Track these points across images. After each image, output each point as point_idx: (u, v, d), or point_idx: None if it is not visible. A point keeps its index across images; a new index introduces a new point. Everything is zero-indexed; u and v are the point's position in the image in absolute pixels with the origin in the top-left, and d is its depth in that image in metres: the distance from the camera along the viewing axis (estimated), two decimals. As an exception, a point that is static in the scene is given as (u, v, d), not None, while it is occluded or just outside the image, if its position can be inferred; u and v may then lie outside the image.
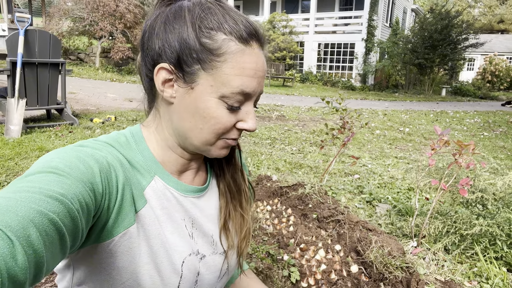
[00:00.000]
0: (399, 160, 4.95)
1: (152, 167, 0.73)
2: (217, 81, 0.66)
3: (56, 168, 0.53)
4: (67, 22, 13.25)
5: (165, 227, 0.72)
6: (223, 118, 0.68)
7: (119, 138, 0.72)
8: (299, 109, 9.76)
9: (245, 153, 4.62)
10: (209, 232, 0.82)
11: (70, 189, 0.50)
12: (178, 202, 0.76)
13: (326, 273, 2.07)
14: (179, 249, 0.73)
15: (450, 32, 16.99)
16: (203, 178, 0.85)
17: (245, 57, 0.66)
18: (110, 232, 0.62)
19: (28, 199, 0.44)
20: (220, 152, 0.74)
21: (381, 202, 3.17)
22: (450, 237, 2.29)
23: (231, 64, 0.65)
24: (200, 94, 0.67)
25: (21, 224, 0.40)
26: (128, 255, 0.66)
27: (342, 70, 18.73)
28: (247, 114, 0.71)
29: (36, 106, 5.22)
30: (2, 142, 4.13)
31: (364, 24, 17.60)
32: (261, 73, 0.69)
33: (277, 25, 18.50)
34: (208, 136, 0.70)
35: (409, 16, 24.71)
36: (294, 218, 2.69)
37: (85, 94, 8.76)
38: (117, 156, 0.67)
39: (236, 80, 0.66)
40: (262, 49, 0.70)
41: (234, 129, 0.71)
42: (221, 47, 0.65)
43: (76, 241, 0.51)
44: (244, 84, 0.66)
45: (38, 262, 0.41)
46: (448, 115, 10.73)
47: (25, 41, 4.77)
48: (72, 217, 0.48)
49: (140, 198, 0.68)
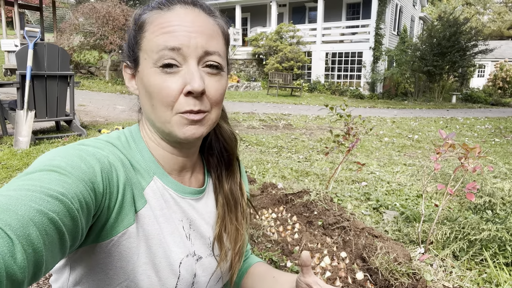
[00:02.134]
0: (408, 167, 4.88)
1: (151, 167, 0.73)
2: (146, 50, 0.67)
3: (57, 167, 0.53)
4: (78, 37, 13.52)
5: (164, 228, 0.72)
6: (163, 83, 0.65)
7: (119, 137, 0.73)
8: (306, 118, 9.73)
9: (251, 161, 4.61)
10: (206, 234, 0.82)
11: (71, 188, 0.50)
12: (176, 203, 0.76)
13: (331, 280, 2.03)
14: (176, 250, 0.73)
15: (459, 39, 16.87)
16: (200, 179, 0.85)
17: (163, 18, 0.67)
18: (109, 231, 0.62)
19: (28, 198, 0.44)
20: (184, 131, 0.68)
21: (389, 209, 3.11)
22: (458, 243, 2.23)
23: (151, 29, 0.67)
24: (142, 71, 0.69)
25: (21, 223, 0.40)
26: (126, 255, 0.66)
27: (350, 79, 18.68)
28: (189, 73, 0.65)
29: (45, 118, 5.30)
30: (10, 153, 4.19)
31: (371, 33, 17.58)
32: (188, 28, 0.65)
33: (284, 35, 18.59)
34: (160, 111, 0.67)
35: (417, 24, 24.65)
36: (299, 226, 2.66)
37: (95, 106, 8.88)
38: (118, 156, 0.67)
39: (158, 39, 0.65)
40: (196, 9, 0.69)
41: (182, 96, 0.66)
42: (143, 20, 0.69)
43: (75, 240, 0.51)
44: (167, 40, 0.65)
45: (37, 261, 0.41)
46: (458, 122, 10.59)
47: (34, 54, 4.87)
48: (72, 216, 0.48)
49: (140, 198, 0.68)
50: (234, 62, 18.95)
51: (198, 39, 0.66)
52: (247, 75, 19.59)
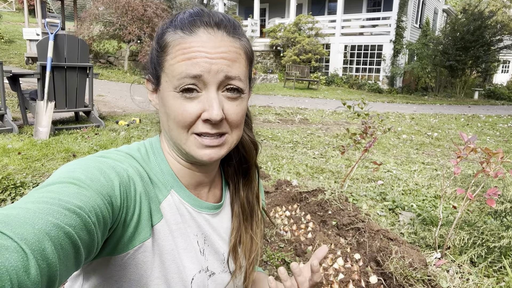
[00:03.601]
0: (426, 166, 4.78)
1: (169, 181, 0.73)
2: (169, 75, 0.66)
3: (77, 179, 0.54)
4: (98, 27, 13.66)
5: (178, 243, 0.72)
6: (181, 108, 0.65)
7: (140, 149, 0.74)
8: (323, 113, 9.64)
9: (266, 157, 4.59)
10: (220, 250, 0.82)
11: (89, 202, 0.51)
12: (192, 217, 0.76)
13: (343, 283, 2.01)
14: (189, 266, 0.73)
15: (484, 33, 16.37)
16: (217, 194, 0.85)
17: (186, 44, 0.65)
18: (126, 245, 0.63)
19: (46, 211, 0.44)
20: (202, 154, 0.68)
21: (405, 210, 3.06)
22: (476, 249, 2.17)
23: (173, 53, 0.66)
24: (163, 93, 0.69)
25: (37, 237, 0.41)
26: (141, 268, 0.66)
27: (369, 73, 18.37)
28: (208, 100, 0.65)
29: (64, 109, 5.39)
30: (31, 143, 4.28)
31: (392, 26, 17.19)
32: (210, 55, 0.64)
33: (302, 27, 18.36)
34: (176, 132, 0.68)
35: (440, 16, 23.98)
36: (313, 225, 2.64)
37: (113, 97, 8.98)
38: (137, 169, 0.67)
39: (179, 67, 0.65)
40: (220, 32, 0.67)
41: (200, 121, 0.66)
42: (165, 41, 0.68)
43: (90, 253, 0.51)
44: (189, 68, 0.64)
45: (51, 275, 0.41)
46: (480, 120, 10.31)
47: (55, 46, 4.93)
48: (89, 230, 0.49)
49: (156, 212, 0.68)
50: (252, 53, 18.83)
51: (219, 65, 0.65)
52: (264, 67, 19.48)
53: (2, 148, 3.96)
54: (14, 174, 3.22)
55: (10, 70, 4.84)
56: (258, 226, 0.89)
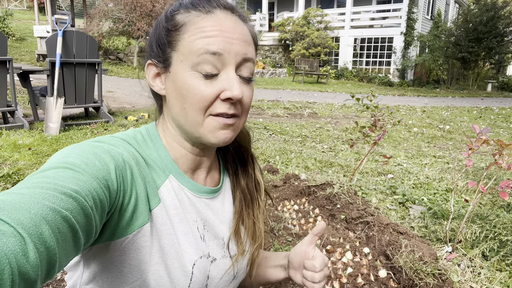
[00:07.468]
0: (438, 159, 4.71)
1: (168, 166, 0.73)
2: (184, 53, 0.66)
3: (72, 164, 0.53)
4: (107, 23, 13.73)
5: (177, 228, 0.72)
6: (200, 88, 0.65)
7: (135, 136, 0.73)
8: (332, 106, 9.56)
9: (275, 151, 4.57)
10: (220, 234, 0.82)
11: (85, 186, 0.50)
12: (191, 202, 0.76)
13: (352, 277, 1.99)
14: (190, 251, 0.73)
15: (497, 24, 16.05)
16: (216, 178, 0.85)
17: (205, 22, 0.66)
18: (124, 229, 0.63)
19: (41, 196, 0.44)
20: (218, 135, 0.68)
21: (415, 204, 3.01)
22: (488, 242, 2.13)
23: (191, 31, 0.66)
24: (176, 73, 0.67)
25: (34, 221, 0.40)
26: (140, 254, 0.66)
27: (379, 66, 18.14)
28: (228, 80, 0.65)
29: (74, 105, 5.44)
30: (41, 139, 4.32)
31: (403, 17, 16.93)
32: (229, 34, 0.65)
33: (311, 20, 18.20)
34: (192, 114, 0.67)
35: (452, 7, 23.55)
36: (321, 219, 2.62)
37: (122, 93, 9.04)
38: (133, 154, 0.67)
39: (198, 42, 0.64)
40: (234, 16, 0.69)
41: (218, 100, 0.66)
42: (180, 21, 0.67)
43: (89, 237, 0.51)
44: (209, 43, 0.64)
45: (50, 259, 0.41)
46: (493, 112, 10.13)
47: (64, 42, 4.96)
48: (86, 213, 0.48)
49: (154, 196, 0.68)
50: (260, 48, 18.79)
51: (237, 46, 0.66)
52: (272, 61, 19.39)
53: (13, 143, 4.02)
54: (25, 169, 3.25)
55: (20, 67, 4.89)
56: (260, 211, 0.90)
